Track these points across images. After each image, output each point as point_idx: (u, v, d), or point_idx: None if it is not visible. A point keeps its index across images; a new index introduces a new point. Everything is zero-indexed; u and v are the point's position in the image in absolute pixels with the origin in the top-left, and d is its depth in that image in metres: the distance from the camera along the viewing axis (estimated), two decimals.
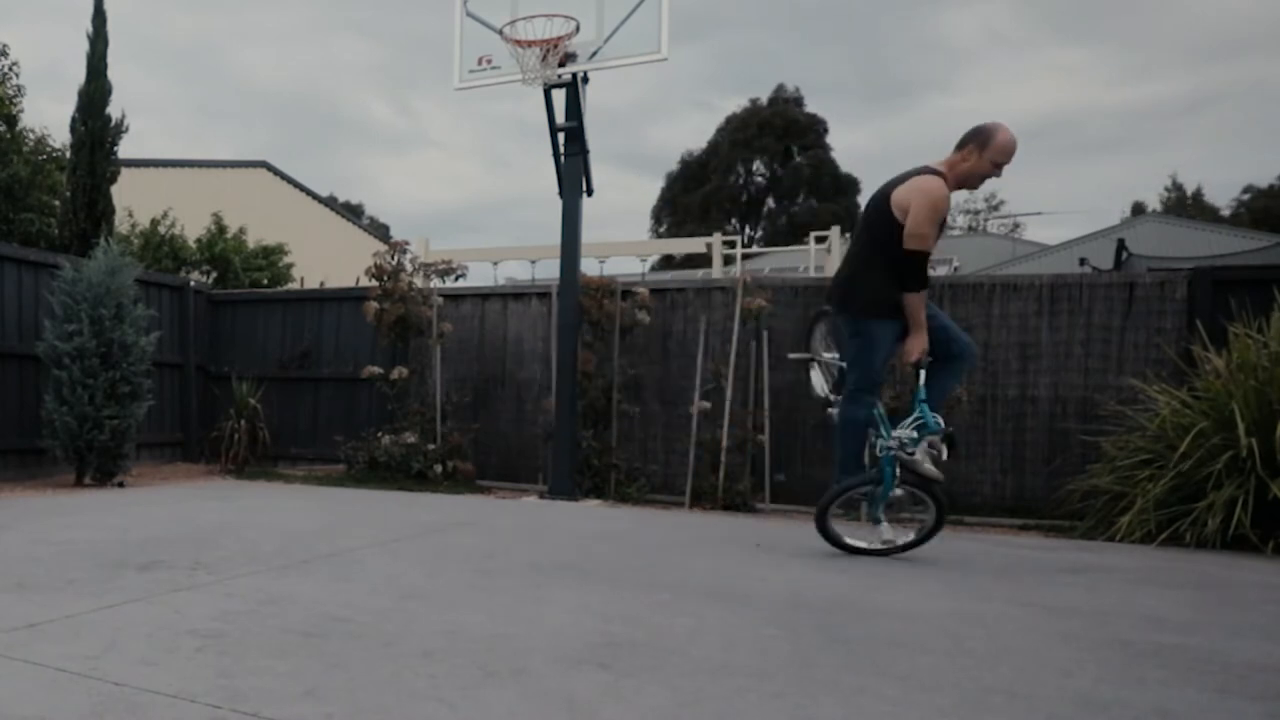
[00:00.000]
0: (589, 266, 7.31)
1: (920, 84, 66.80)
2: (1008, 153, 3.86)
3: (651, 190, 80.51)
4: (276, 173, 19.58)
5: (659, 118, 68.75)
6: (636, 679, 2.19)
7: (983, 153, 3.86)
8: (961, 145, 3.92)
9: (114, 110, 8.82)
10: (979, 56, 64.43)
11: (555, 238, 6.86)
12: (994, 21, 62.32)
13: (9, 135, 9.21)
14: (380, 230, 27.71)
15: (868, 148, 63.98)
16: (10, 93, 9.39)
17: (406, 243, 7.74)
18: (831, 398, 4.46)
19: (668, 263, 28.11)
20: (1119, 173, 64.42)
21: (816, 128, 42.52)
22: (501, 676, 2.17)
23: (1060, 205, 61.55)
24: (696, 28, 61.02)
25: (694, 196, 41.93)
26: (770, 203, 44.02)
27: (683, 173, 44.03)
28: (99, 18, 8.67)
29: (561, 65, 6.41)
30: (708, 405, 6.52)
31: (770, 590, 3.34)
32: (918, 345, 3.94)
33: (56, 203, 9.18)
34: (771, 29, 66.15)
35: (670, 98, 71.60)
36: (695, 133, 79.54)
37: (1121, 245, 14.01)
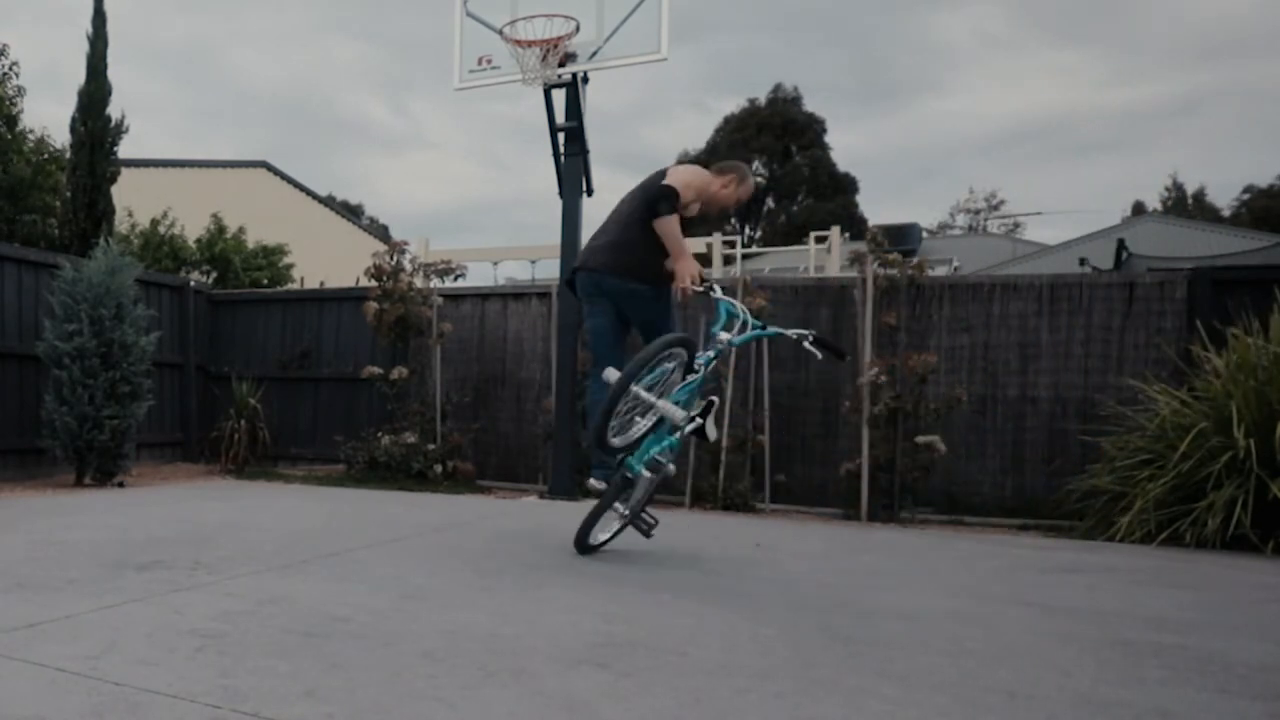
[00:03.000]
0: None
1: (914, 85, 66.92)
2: (745, 199, 4.26)
3: None
4: (276, 173, 19.57)
5: (655, 119, 68.83)
6: (636, 679, 2.18)
7: (738, 188, 4.19)
8: (724, 172, 4.20)
9: (114, 111, 8.82)
10: (972, 58, 64.55)
11: (555, 238, 6.86)
12: (986, 23, 62.44)
13: (9, 135, 9.20)
14: (380, 230, 27.70)
15: (864, 148, 64.07)
16: (10, 93, 9.38)
17: (406, 243, 7.74)
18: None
19: None
20: (1117, 173, 64.55)
21: (815, 127, 42.51)
22: (501, 676, 2.17)
23: (1060, 205, 61.61)
24: (691, 30, 61.08)
25: None
26: (770, 202, 44.02)
27: None
28: (99, 18, 8.66)
29: (561, 65, 6.41)
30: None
31: (770, 590, 3.34)
32: (687, 269, 3.86)
33: (58, 203, 9.18)
34: (764, 31, 66.33)
35: (665, 99, 71.68)
36: (691, 134, 79.70)
37: (1121, 245, 14.02)
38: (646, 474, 3.68)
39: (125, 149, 9.07)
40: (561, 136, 6.65)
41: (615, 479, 3.73)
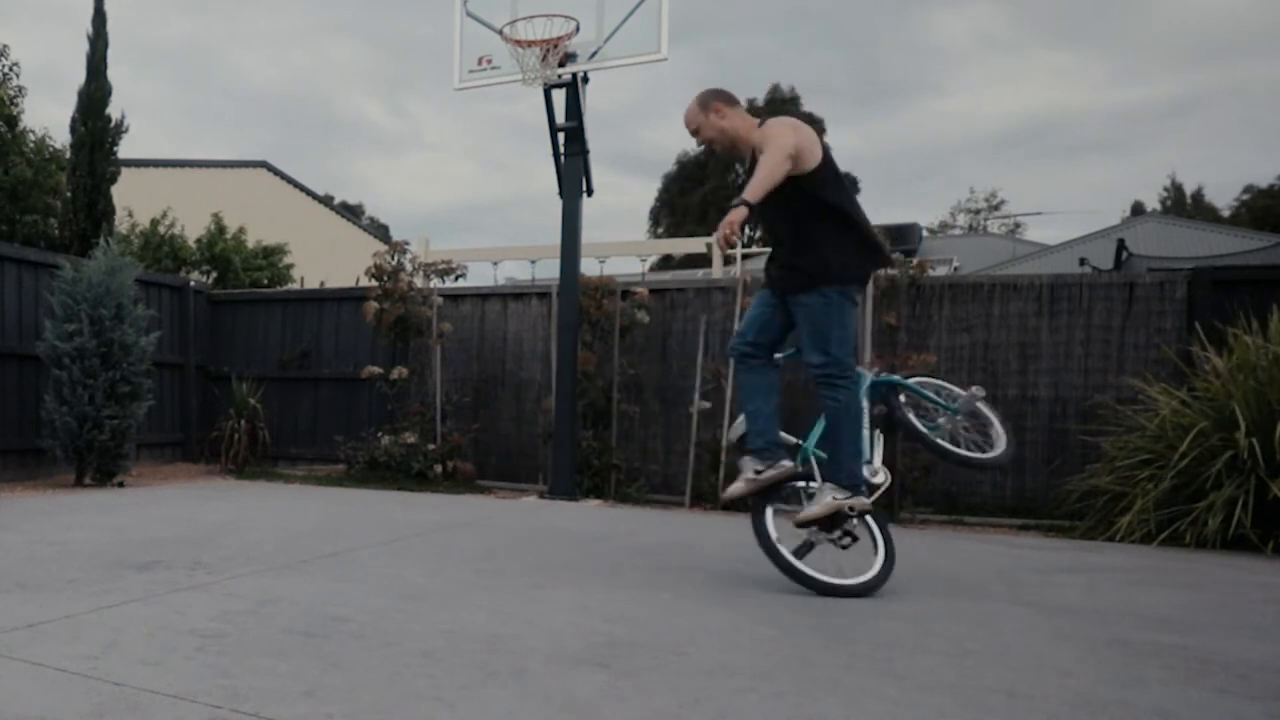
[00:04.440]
0: (589, 266, 7.32)
1: (913, 86, 66.94)
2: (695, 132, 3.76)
3: (645, 192, 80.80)
4: (276, 173, 19.56)
5: (651, 120, 68.75)
6: (636, 679, 2.18)
7: None
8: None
9: (114, 111, 8.83)
10: (970, 58, 64.59)
11: (554, 238, 6.86)
12: (982, 23, 62.50)
13: (9, 136, 9.20)
14: (380, 230, 27.70)
15: (864, 148, 64.10)
16: (10, 93, 9.38)
17: (406, 243, 7.74)
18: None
19: (667, 262, 28.12)
20: (1117, 173, 64.56)
21: (813, 127, 42.43)
22: (501, 676, 2.17)
23: (1060, 205, 61.61)
24: (689, 30, 61.16)
25: (692, 197, 41.90)
26: None
27: (680, 174, 43.99)
28: (99, 18, 8.67)
29: (561, 65, 6.41)
30: (708, 405, 6.52)
31: (770, 590, 3.34)
32: None
33: (58, 204, 9.18)
34: (761, 32, 66.26)
35: (662, 100, 71.64)
36: (687, 135, 79.63)
37: (1121, 245, 14.03)
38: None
39: (125, 149, 9.09)
40: (561, 136, 6.65)
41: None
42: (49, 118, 24.92)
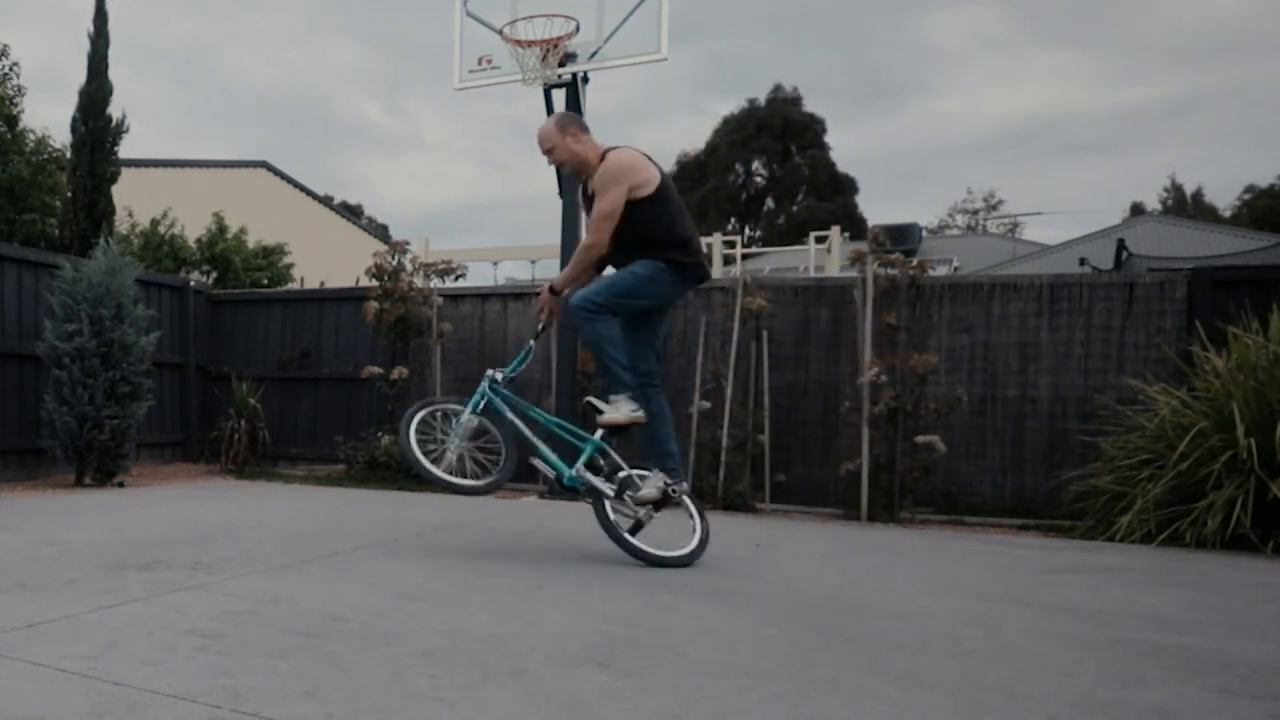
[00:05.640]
0: None
1: (911, 86, 66.96)
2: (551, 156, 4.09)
3: None
4: (276, 173, 19.56)
5: (650, 121, 68.75)
6: (636, 679, 2.18)
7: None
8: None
9: (114, 110, 8.82)
10: (968, 59, 64.63)
11: (554, 238, 6.86)
12: (981, 24, 62.54)
13: (9, 135, 9.21)
14: (379, 230, 27.70)
15: (864, 149, 64.16)
16: (10, 93, 9.38)
17: (406, 243, 7.74)
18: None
19: None
20: (1116, 173, 64.60)
21: (815, 127, 42.51)
22: (501, 676, 2.17)
23: (1059, 205, 61.59)
24: (689, 30, 61.14)
25: (692, 197, 41.93)
26: (769, 203, 44.07)
27: (680, 173, 44.01)
28: (100, 17, 8.66)
29: (561, 65, 6.42)
30: (708, 405, 6.52)
31: (770, 590, 3.34)
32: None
33: (58, 203, 9.18)
34: (761, 32, 66.34)
35: (661, 101, 71.69)
36: (686, 135, 79.85)
37: (1121, 245, 14.03)
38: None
39: (125, 149, 9.07)
40: None
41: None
42: (49, 118, 25.01)
